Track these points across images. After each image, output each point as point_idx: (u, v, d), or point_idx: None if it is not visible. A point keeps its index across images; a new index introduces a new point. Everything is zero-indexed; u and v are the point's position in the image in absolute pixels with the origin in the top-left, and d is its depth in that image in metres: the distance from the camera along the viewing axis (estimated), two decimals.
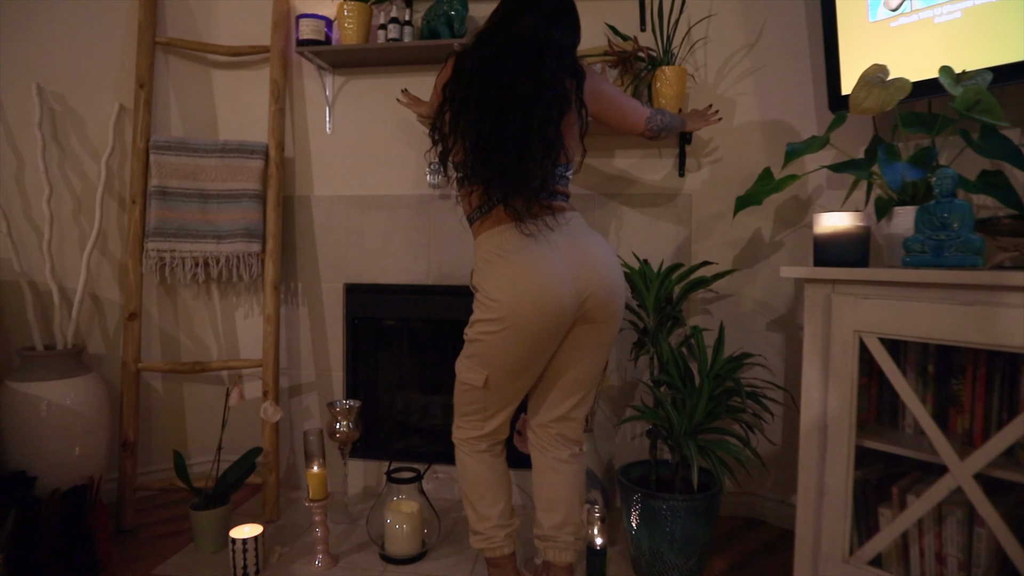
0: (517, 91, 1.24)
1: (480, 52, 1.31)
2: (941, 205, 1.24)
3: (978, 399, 1.26)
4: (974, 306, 1.14)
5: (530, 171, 1.25)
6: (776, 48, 1.98)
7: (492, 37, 1.32)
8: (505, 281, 1.29)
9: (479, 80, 1.27)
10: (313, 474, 1.75)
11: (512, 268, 1.28)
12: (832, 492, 1.35)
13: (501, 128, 1.24)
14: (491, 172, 1.26)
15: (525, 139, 1.25)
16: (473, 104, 1.27)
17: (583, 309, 1.32)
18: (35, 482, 1.71)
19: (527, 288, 1.27)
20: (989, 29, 1.40)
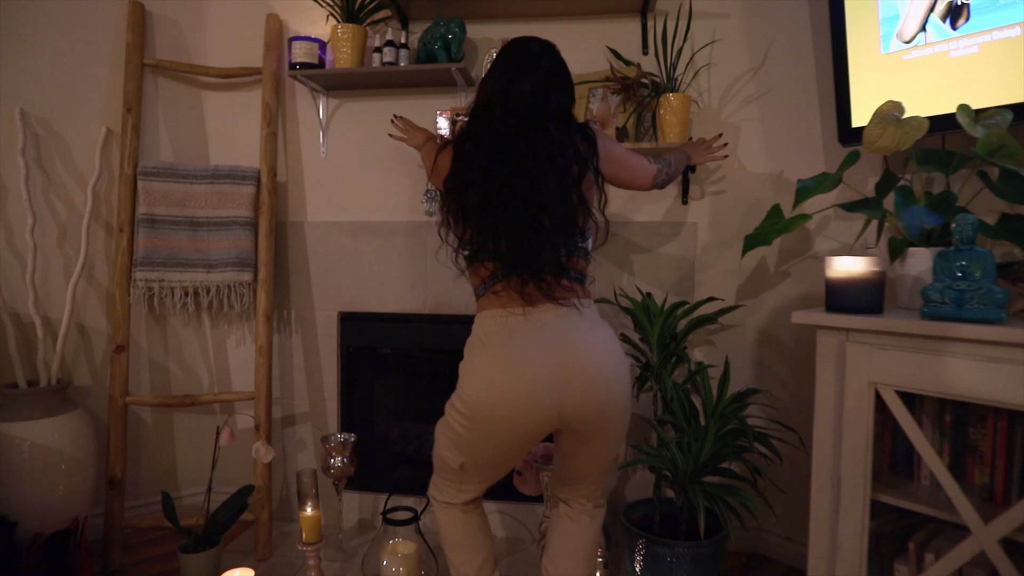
0: (525, 162, 1.17)
1: (477, 132, 1.24)
2: (961, 252, 1.19)
3: (999, 453, 1.21)
4: (998, 363, 1.09)
5: (541, 245, 1.17)
6: (782, 73, 1.93)
7: (489, 112, 1.24)
8: (479, 377, 1.21)
9: (480, 160, 1.20)
10: (307, 516, 1.69)
11: (489, 363, 1.20)
12: (845, 547, 1.30)
13: (511, 203, 1.16)
14: (502, 249, 1.18)
15: (537, 212, 1.17)
16: (476, 187, 1.19)
17: (564, 422, 1.22)
18: (15, 527, 1.64)
19: (499, 389, 1.18)
20: (1006, 65, 1.35)
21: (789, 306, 1.91)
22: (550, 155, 1.18)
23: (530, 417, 1.18)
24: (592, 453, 1.30)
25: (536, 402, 1.17)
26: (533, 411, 1.18)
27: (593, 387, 1.18)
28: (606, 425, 1.23)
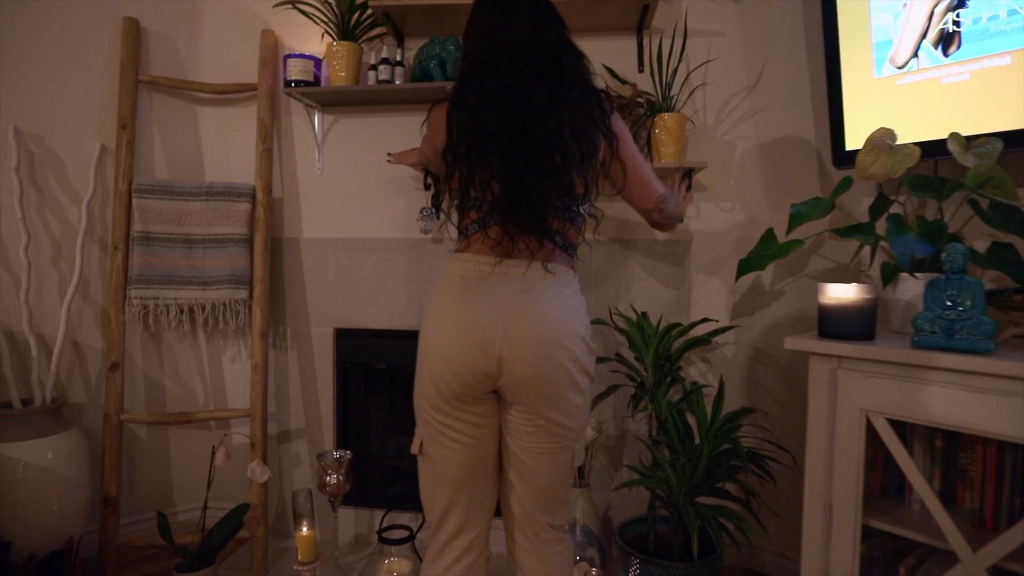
0: (541, 101, 1.11)
1: (483, 81, 1.15)
2: (951, 281, 1.20)
3: (989, 480, 1.22)
4: (987, 394, 1.10)
5: (535, 197, 1.11)
6: (777, 92, 1.94)
7: (492, 57, 1.17)
8: (432, 318, 1.19)
9: (491, 109, 1.13)
10: (302, 536, 1.70)
11: (442, 305, 1.17)
12: (837, 570, 1.31)
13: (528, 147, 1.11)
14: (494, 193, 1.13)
15: (550, 152, 1.11)
16: (493, 139, 1.12)
17: (503, 383, 1.14)
18: (10, 547, 1.64)
19: (446, 328, 1.15)
20: (998, 93, 1.37)
21: (784, 324, 1.93)
22: (565, 92, 1.13)
23: (469, 360, 1.12)
24: (540, 443, 1.17)
25: (476, 346, 1.11)
26: (472, 353, 1.12)
27: (535, 352, 1.11)
28: (548, 397, 1.13)
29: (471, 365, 1.12)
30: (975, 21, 1.38)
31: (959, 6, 1.39)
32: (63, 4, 1.98)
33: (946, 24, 1.42)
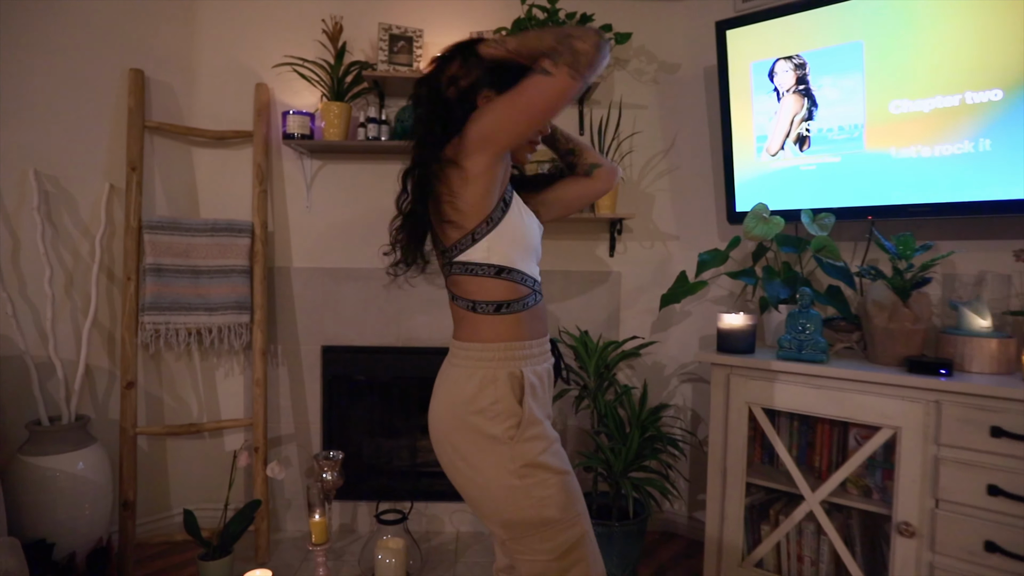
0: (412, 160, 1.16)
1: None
2: (802, 313, 1.77)
3: (825, 445, 1.81)
4: (822, 389, 1.68)
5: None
6: (686, 154, 2.50)
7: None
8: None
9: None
10: (315, 522, 2.03)
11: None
12: (730, 516, 1.85)
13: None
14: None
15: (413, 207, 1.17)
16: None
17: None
18: (53, 548, 1.86)
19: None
20: (832, 181, 1.97)
21: (691, 338, 2.49)
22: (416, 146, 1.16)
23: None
24: (504, 549, 1.17)
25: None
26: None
27: (431, 423, 1.16)
28: (448, 467, 1.13)
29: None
30: (819, 131, 1.98)
31: (809, 119, 1.99)
32: (74, 55, 2.18)
33: (801, 129, 2.01)
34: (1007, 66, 1.65)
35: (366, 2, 2.44)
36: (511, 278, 1.11)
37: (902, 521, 1.56)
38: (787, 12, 1.99)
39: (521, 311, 1.12)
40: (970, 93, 1.72)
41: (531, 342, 1.14)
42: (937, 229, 1.89)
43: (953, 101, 1.74)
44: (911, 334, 1.65)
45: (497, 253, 1.09)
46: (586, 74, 0.98)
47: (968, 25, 1.69)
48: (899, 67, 1.81)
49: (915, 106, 1.80)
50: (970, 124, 1.72)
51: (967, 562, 1.48)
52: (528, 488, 1.05)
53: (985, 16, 1.67)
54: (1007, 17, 1.64)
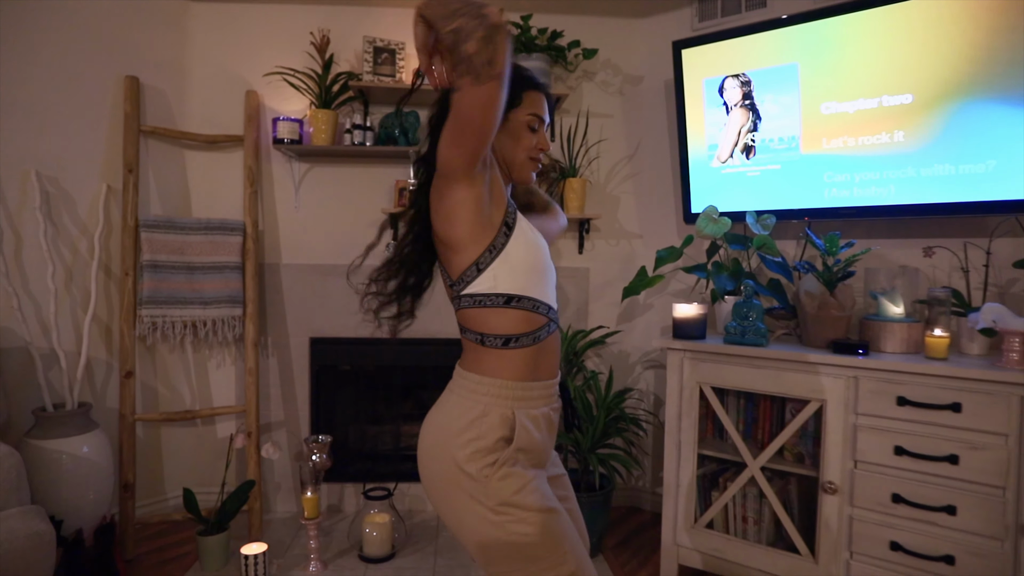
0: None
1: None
2: (745, 304, 2.01)
3: (765, 419, 2.05)
4: (762, 369, 1.91)
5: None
6: (648, 161, 2.73)
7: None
8: None
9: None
10: (307, 499, 2.20)
11: None
12: (684, 485, 2.08)
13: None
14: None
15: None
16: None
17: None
18: (61, 524, 1.99)
19: None
20: (774, 185, 2.22)
21: (654, 328, 2.72)
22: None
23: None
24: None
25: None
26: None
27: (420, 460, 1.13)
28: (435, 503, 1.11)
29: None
30: (763, 141, 2.22)
31: (754, 130, 2.23)
32: (73, 63, 2.30)
33: (748, 140, 2.25)
34: (918, 76, 1.91)
35: (352, 16, 2.60)
36: (522, 306, 1.06)
37: (827, 480, 1.81)
38: (735, 35, 2.23)
39: (531, 345, 1.06)
40: (886, 97, 1.98)
41: (534, 383, 1.08)
42: (865, 229, 2.16)
43: (872, 104, 2.00)
44: (837, 320, 1.90)
45: (504, 281, 1.05)
46: (491, 72, 0.88)
47: (885, 44, 1.95)
48: (829, 77, 2.06)
49: (842, 107, 2.06)
50: (886, 121, 1.98)
51: (878, 512, 1.73)
52: (504, 524, 1.02)
53: (899, 36, 1.93)
54: (916, 36, 1.90)
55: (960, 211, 1.90)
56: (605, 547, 2.42)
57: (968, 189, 1.88)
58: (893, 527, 1.72)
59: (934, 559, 1.65)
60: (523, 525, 1.02)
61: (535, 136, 1.15)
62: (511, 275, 1.05)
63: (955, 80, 1.86)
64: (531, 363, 1.08)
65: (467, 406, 1.06)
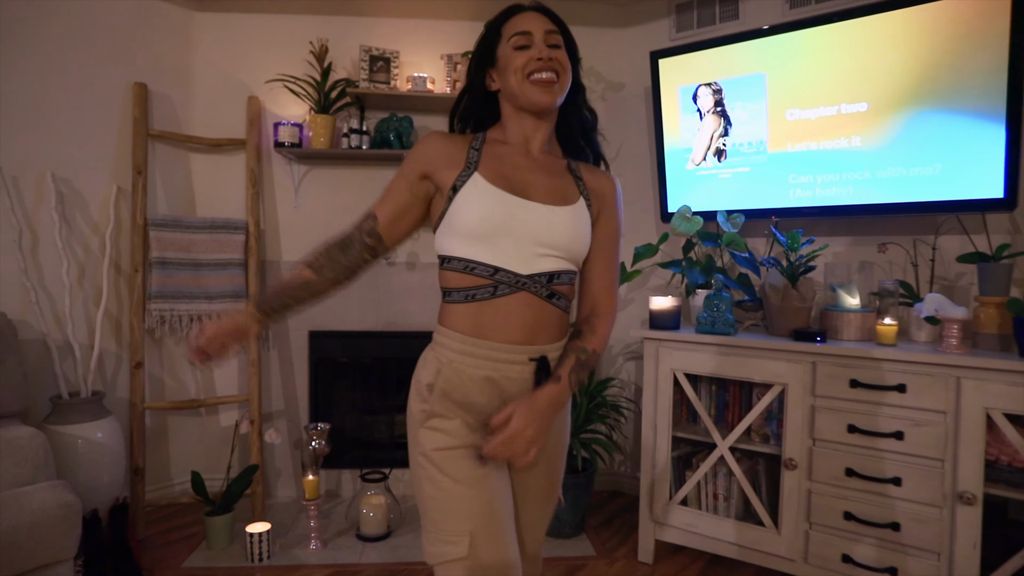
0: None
1: None
2: (716, 296, 2.17)
3: (735, 403, 2.21)
4: (730, 356, 2.08)
5: None
6: (630, 161, 2.88)
7: None
8: None
9: None
10: (308, 481, 2.35)
11: None
12: (660, 465, 2.24)
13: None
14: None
15: None
16: None
17: None
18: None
19: None
20: (744, 187, 2.38)
21: (635, 321, 2.88)
22: None
23: None
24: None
25: None
26: None
27: None
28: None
29: None
30: (733, 145, 2.38)
31: (725, 135, 2.39)
32: (85, 70, 2.43)
33: (719, 144, 2.42)
34: (873, 86, 2.08)
35: (349, 26, 2.75)
36: (452, 267, 1.08)
37: (788, 458, 1.97)
38: (707, 47, 2.39)
39: (464, 302, 1.07)
40: (845, 105, 2.14)
41: (478, 341, 1.06)
42: (828, 227, 2.32)
43: (832, 111, 2.17)
44: (798, 311, 2.07)
45: (443, 244, 1.09)
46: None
47: (844, 56, 2.12)
48: (793, 87, 2.23)
49: (805, 114, 2.22)
50: (845, 127, 2.14)
51: (834, 486, 1.89)
52: (418, 472, 1.07)
53: (856, 50, 2.09)
54: (872, 51, 2.06)
55: (909, 211, 2.07)
56: (588, 527, 2.57)
57: (917, 190, 2.05)
58: (846, 498, 1.88)
59: (882, 526, 1.82)
60: (431, 485, 1.05)
61: (524, 53, 1.08)
62: (448, 237, 1.08)
63: (906, 91, 2.03)
64: (471, 320, 1.07)
65: (427, 352, 1.14)
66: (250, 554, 2.22)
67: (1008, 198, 1.89)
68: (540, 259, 1.06)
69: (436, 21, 2.81)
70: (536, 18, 1.10)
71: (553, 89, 1.08)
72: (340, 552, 2.34)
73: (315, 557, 2.29)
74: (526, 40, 1.08)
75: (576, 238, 1.10)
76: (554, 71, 1.08)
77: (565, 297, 1.12)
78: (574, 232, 1.09)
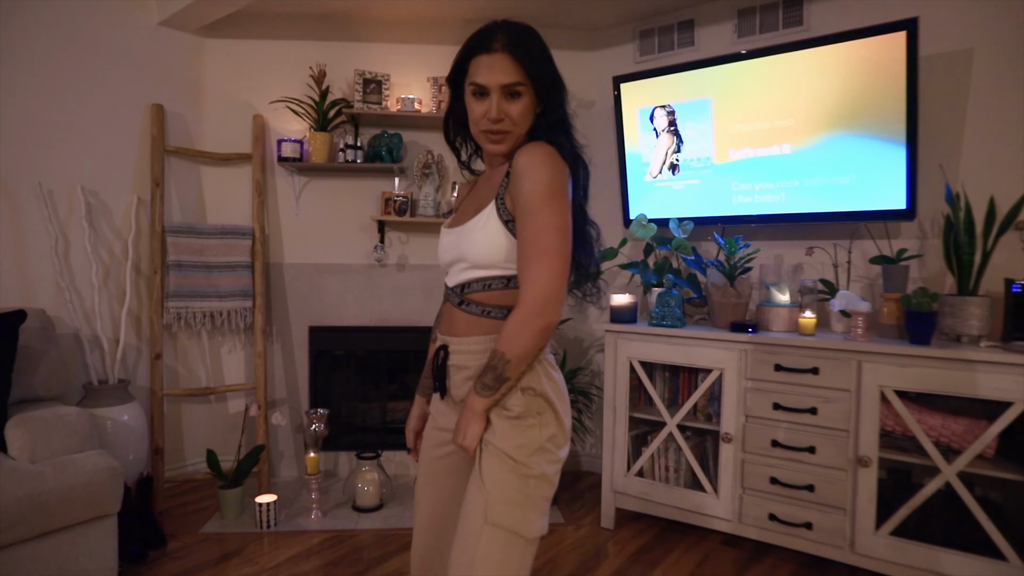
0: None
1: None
2: (667, 293, 2.49)
3: (684, 386, 2.53)
4: (678, 346, 2.39)
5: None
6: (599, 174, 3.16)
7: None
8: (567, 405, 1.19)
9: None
10: (310, 458, 2.65)
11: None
12: (618, 443, 2.56)
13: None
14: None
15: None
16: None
17: None
18: None
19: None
20: (694, 197, 2.70)
21: (605, 316, 3.20)
22: None
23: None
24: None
25: None
26: None
27: None
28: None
29: None
30: (685, 160, 2.70)
31: (678, 151, 2.71)
32: (108, 94, 2.72)
33: (673, 159, 2.73)
34: (797, 106, 2.40)
35: (344, 51, 3.05)
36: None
37: (725, 432, 2.29)
38: (661, 73, 2.71)
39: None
40: (777, 120, 2.46)
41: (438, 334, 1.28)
42: (770, 232, 2.64)
43: (767, 125, 2.49)
44: (736, 306, 2.39)
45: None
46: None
47: (777, 85, 2.44)
48: (735, 106, 2.55)
49: (744, 128, 2.54)
50: (777, 136, 2.46)
51: (762, 456, 2.22)
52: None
53: (786, 80, 2.41)
54: (797, 78, 2.38)
55: (830, 219, 2.40)
56: (560, 500, 2.89)
57: (838, 199, 2.37)
58: (772, 466, 2.20)
59: (800, 488, 2.14)
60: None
61: (481, 105, 1.13)
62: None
63: (827, 114, 2.35)
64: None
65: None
66: (259, 522, 2.53)
67: (909, 209, 2.22)
68: (459, 273, 1.19)
69: (423, 46, 3.11)
70: (497, 68, 1.10)
71: (504, 141, 1.15)
72: (338, 520, 2.65)
73: (316, 524, 2.60)
74: (483, 90, 1.12)
75: (473, 247, 1.14)
76: (503, 132, 1.13)
77: (479, 304, 1.16)
78: (472, 242, 1.14)
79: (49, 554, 1.79)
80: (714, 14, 2.85)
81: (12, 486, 1.72)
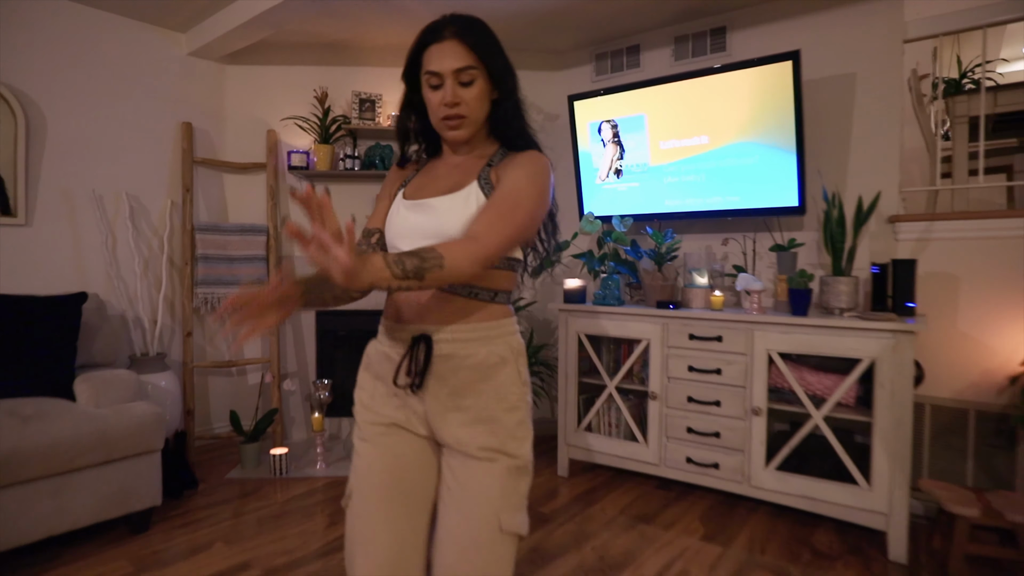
0: None
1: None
2: (609, 278, 2.98)
3: (624, 356, 3.03)
4: (614, 321, 2.89)
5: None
6: (562, 179, 3.70)
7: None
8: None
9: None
10: (316, 418, 3.19)
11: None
12: (569, 405, 3.06)
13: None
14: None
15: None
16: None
17: None
18: None
19: None
20: (635, 198, 3.19)
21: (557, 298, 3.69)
22: None
23: None
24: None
25: None
26: None
27: None
28: None
29: None
30: (627, 166, 3.19)
31: (621, 159, 3.20)
32: (146, 114, 3.27)
33: (618, 166, 3.22)
34: (710, 126, 2.88)
35: (343, 75, 3.58)
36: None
37: (651, 391, 2.79)
38: (607, 93, 3.19)
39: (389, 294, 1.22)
40: (696, 138, 2.94)
41: (384, 321, 1.26)
42: (701, 227, 3.13)
43: (689, 141, 2.97)
44: (663, 288, 2.88)
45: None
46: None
47: (693, 105, 2.92)
48: (664, 124, 3.03)
49: (670, 144, 3.02)
50: (696, 148, 2.94)
51: (681, 410, 2.71)
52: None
53: (701, 101, 2.89)
54: (711, 103, 2.86)
55: (739, 215, 2.88)
56: None
57: (744, 191, 2.84)
58: (688, 418, 2.69)
59: (709, 435, 2.63)
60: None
61: (436, 94, 1.15)
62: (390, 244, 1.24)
63: (735, 124, 2.82)
64: (385, 304, 1.29)
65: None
66: (274, 470, 3.07)
67: (800, 206, 2.69)
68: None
69: None
70: (448, 53, 1.12)
71: (462, 126, 1.17)
72: (339, 470, 3.17)
73: (321, 473, 3.13)
74: (437, 80, 1.14)
75: (453, 221, 1.12)
76: (459, 116, 1.15)
77: (487, 289, 1.16)
78: (450, 215, 1.13)
79: (113, 477, 2.33)
80: (656, 40, 3.34)
81: (85, 424, 2.26)
